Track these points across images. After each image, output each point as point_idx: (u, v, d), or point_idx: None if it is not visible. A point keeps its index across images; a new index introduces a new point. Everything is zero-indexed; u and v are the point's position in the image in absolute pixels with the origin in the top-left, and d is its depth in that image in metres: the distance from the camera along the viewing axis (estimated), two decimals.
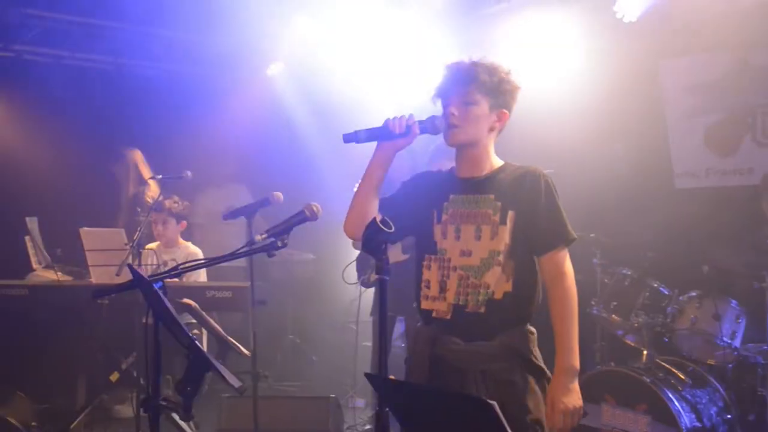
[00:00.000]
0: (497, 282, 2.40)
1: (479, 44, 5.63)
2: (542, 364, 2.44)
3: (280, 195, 3.87)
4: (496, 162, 2.56)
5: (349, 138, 2.37)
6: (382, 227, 1.90)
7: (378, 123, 2.44)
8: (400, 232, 2.50)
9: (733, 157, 5.22)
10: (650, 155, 5.43)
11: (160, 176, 4.60)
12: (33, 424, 4.65)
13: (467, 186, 2.53)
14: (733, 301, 4.23)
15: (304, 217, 2.57)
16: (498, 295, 2.40)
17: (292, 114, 7.09)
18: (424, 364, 2.44)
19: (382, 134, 2.40)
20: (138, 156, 5.61)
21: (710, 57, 5.24)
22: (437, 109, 2.52)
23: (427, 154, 4.37)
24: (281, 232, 2.45)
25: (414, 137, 2.43)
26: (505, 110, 2.50)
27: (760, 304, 4.13)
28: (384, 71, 6.63)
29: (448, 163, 3.95)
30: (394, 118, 2.39)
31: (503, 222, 2.43)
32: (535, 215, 2.44)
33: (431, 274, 2.51)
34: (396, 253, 4.18)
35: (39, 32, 6.06)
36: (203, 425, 4.72)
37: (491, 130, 2.51)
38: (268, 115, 6.86)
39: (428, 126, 2.42)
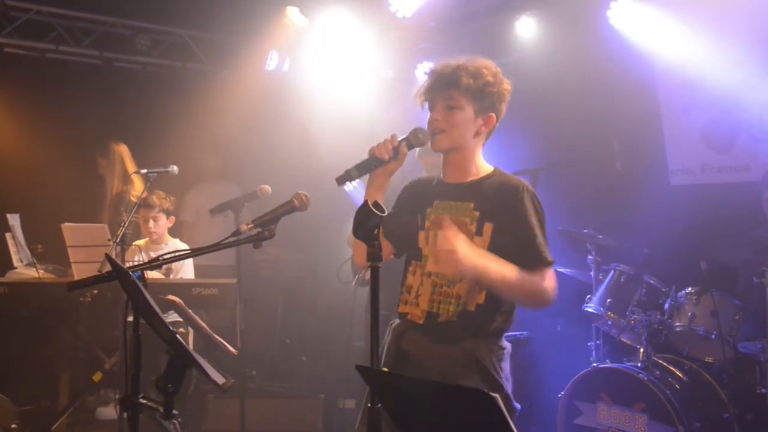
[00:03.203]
0: (469, 293, 2.34)
1: (484, 45, 5.63)
2: (502, 381, 2.35)
3: (267, 188, 3.78)
4: (484, 168, 2.48)
5: (342, 179, 2.32)
6: (375, 211, 1.79)
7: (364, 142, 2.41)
8: (400, 246, 2.57)
9: (730, 154, 5.15)
10: (645, 152, 5.37)
11: (145, 170, 4.48)
12: (13, 426, 4.53)
13: (450, 192, 2.47)
14: (732, 298, 4.16)
15: (292, 206, 2.44)
16: (470, 307, 2.35)
17: (286, 111, 6.99)
18: (390, 357, 2.42)
19: (372, 164, 2.36)
20: (124, 150, 5.48)
21: (707, 52, 5.18)
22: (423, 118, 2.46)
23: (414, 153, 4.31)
24: (268, 221, 2.34)
25: (404, 156, 2.38)
26: (492, 113, 2.43)
27: (759, 301, 4.05)
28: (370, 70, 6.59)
29: (436, 158, 3.87)
30: (378, 144, 2.34)
31: (479, 233, 2.35)
32: (512, 233, 2.33)
33: (414, 280, 2.46)
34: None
35: (21, 25, 5.94)
36: (189, 426, 4.63)
37: (477, 134, 2.43)
38: (259, 112, 6.75)
39: (413, 140, 2.38)
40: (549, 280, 2.32)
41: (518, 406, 2.42)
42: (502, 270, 2.23)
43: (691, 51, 5.13)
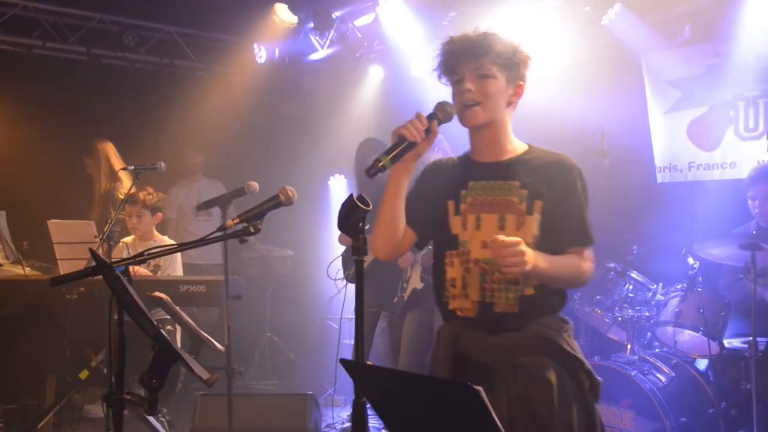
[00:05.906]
0: (525, 276, 2.16)
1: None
2: (579, 354, 2.22)
3: (255, 185, 3.75)
4: (519, 144, 2.33)
5: (374, 170, 2.08)
6: (360, 205, 1.79)
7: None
8: (425, 234, 2.40)
9: (716, 151, 5.19)
10: (633, 150, 5.40)
11: (132, 167, 4.45)
12: None
13: (489, 171, 2.29)
14: (718, 295, 4.18)
15: (278, 201, 2.45)
16: (529, 291, 2.20)
17: (274, 108, 6.98)
18: (446, 366, 2.24)
19: (404, 149, 2.14)
20: (110, 148, 5.44)
21: (693, 51, 5.21)
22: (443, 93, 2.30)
23: None
24: (254, 216, 2.33)
25: (435, 135, 2.20)
26: (521, 82, 2.29)
27: (744, 298, 4.08)
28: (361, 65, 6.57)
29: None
30: (406, 125, 2.13)
31: (530, 212, 2.21)
32: (564, 209, 2.22)
33: (456, 272, 2.28)
34: None
35: (7, 20, 5.88)
36: (177, 424, 4.61)
37: (509, 105, 2.28)
38: (247, 109, 6.73)
39: (441, 116, 2.19)
40: (588, 261, 2.25)
41: (600, 379, 2.28)
42: (550, 261, 2.15)
43: (677, 47, 5.18)
